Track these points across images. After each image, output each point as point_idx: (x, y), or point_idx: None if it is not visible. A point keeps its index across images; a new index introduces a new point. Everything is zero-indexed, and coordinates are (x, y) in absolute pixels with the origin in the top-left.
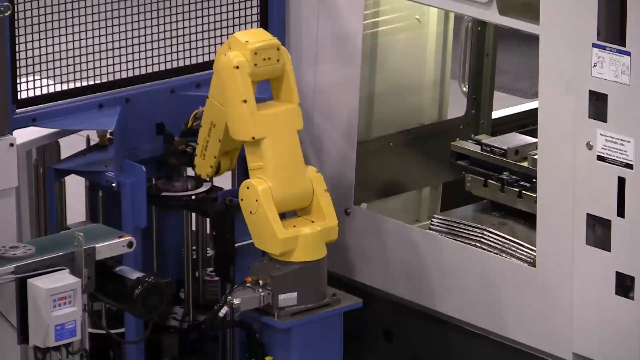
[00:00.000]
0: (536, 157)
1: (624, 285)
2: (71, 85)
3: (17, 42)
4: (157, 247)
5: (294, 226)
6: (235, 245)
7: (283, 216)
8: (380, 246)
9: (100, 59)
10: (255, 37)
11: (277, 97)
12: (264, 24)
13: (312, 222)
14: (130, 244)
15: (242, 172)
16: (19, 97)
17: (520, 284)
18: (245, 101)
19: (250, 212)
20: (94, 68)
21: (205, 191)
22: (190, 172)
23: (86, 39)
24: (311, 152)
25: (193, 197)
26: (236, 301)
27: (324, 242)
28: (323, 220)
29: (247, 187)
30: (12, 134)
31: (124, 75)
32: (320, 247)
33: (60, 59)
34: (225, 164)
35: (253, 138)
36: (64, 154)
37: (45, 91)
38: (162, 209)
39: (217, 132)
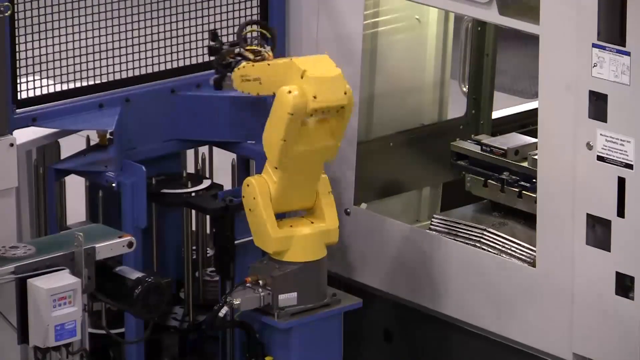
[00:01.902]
0: (536, 157)
1: (624, 285)
2: (71, 85)
3: (17, 42)
4: (157, 247)
5: (291, 226)
6: (235, 242)
7: (283, 216)
8: (380, 246)
9: (100, 59)
10: (328, 92)
11: None
12: None
13: (312, 222)
14: (130, 244)
15: (242, 172)
16: (19, 97)
17: (520, 284)
18: (284, 140)
19: (250, 210)
20: (94, 68)
21: (205, 188)
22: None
23: (86, 39)
24: None
25: (193, 194)
26: (236, 301)
27: (322, 243)
28: (323, 222)
29: (248, 185)
30: (12, 134)
31: (124, 75)
32: (318, 249)
33: (60, 59)
34: None
35: (276, 168)
36: (64, 154)
37: (45, 91)
38: (162, 207)
39: (258, 88)
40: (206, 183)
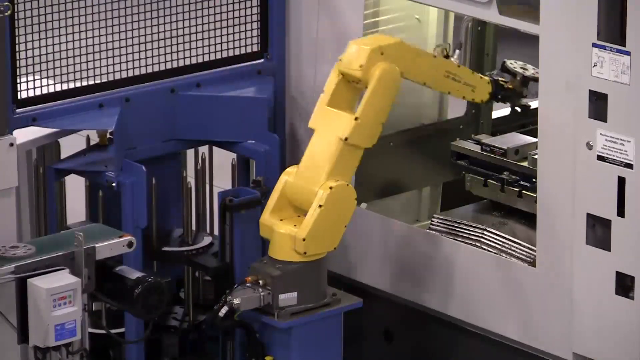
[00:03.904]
0: (536, 157)
1: (624, 285)
2: (71, 85)
3: (17, 42)
4: (157, 247)
5: (281, 220)
6: None
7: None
8: (380, 246)
9: (100, 59)
10: (347, 58)
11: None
12: (264, 23)
13: (295, 226)
14: (130, 244)
15: (242, 172)
16: (19, 97)
17: (520, 284)
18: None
19: None
20: (94, 68)
21: (205, 245)
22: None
23: (86, 39)
24: None
25: (194, 252)
26: (236, 301)
27: (291, 248)
28: (298, 229)
29: None
30: (12, 134)
31: (124, 75)
32: (285, 251)
33: (60, 59)
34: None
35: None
36: (64, 154)
37: (45, 91)
38: (162, 263)
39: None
40: (207, 240)
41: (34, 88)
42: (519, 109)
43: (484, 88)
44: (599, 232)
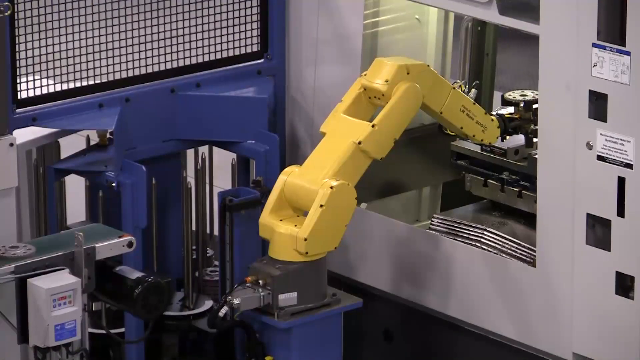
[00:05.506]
0: (536, 157)
1: (624, 285)
2: (71, 85)
3: (17, 42)
4: (157, 247)
5: (281, 220)
6: None
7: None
8: (380, 246)
9: (100, 59)
10: (373, 72)
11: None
12: (264, 24)
13: (295, 225)
14: (130, 244)
15: (242, 172)
16: (19, 97)
17: (520, 284)
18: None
19: None
20: (94, 68)
21: (206, 310)
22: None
23: (86, 39)
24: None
25: (195, 316)
26: (236, 301)
27: (292, 249)
28: (299, 229)
29: None
30: (12, 134)
31: (124, 75)
32: (286, 251)
33: (60, 59)
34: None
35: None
36: (64, 154)
37: (45, 91)
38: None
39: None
40: (207, 304)
41: (34, 88)
42: (532, 136)
43: (493, 131)
44: (599, 232)
